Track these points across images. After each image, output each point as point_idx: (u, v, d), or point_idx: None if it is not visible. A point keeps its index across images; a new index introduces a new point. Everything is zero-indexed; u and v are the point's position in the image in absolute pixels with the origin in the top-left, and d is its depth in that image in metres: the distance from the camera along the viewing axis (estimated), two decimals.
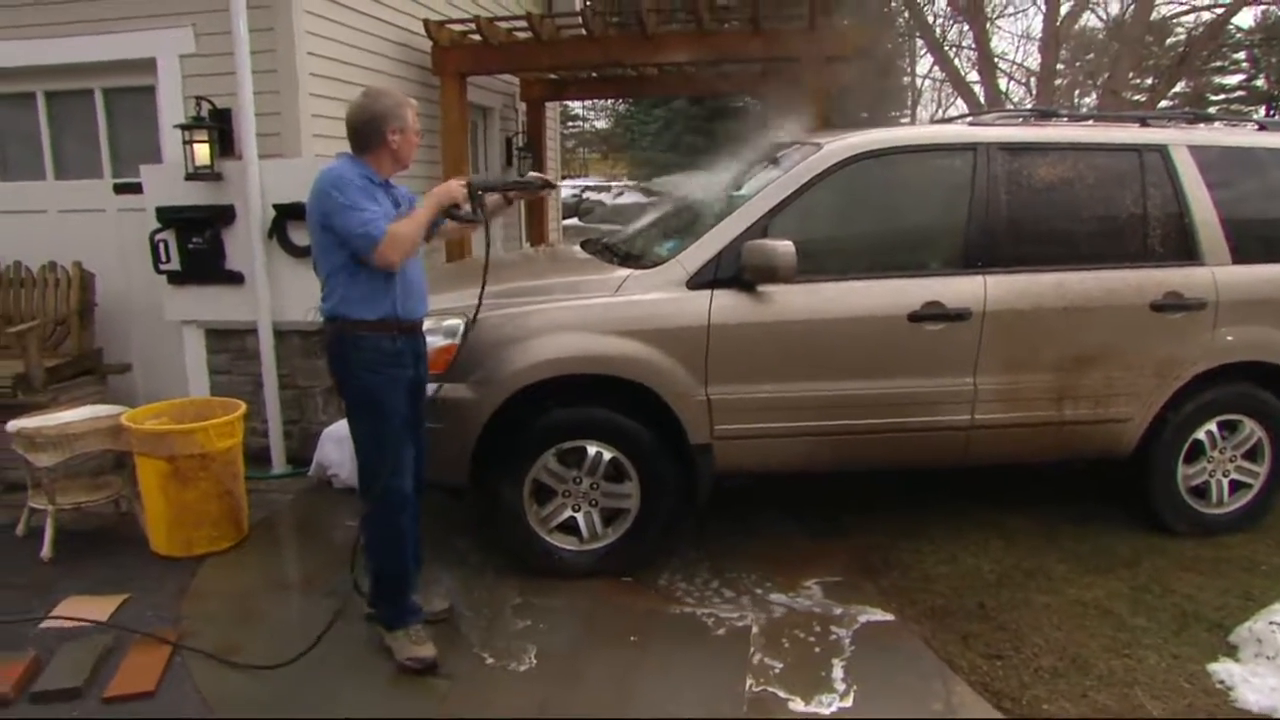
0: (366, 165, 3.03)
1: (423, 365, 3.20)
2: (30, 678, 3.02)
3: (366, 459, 3.10)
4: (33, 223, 5.53)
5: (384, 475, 3.04)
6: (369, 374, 3.03)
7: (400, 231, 2.90)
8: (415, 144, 3.13)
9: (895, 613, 3.43)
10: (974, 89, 14.32)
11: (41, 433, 3.91)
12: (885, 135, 3.94)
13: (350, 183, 2.93)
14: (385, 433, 3.05)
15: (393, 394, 3.04)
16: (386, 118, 3.02)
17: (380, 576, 3.17)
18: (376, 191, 2.99)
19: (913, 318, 3.66)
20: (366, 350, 3.00)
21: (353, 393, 3.06)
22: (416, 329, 3.14)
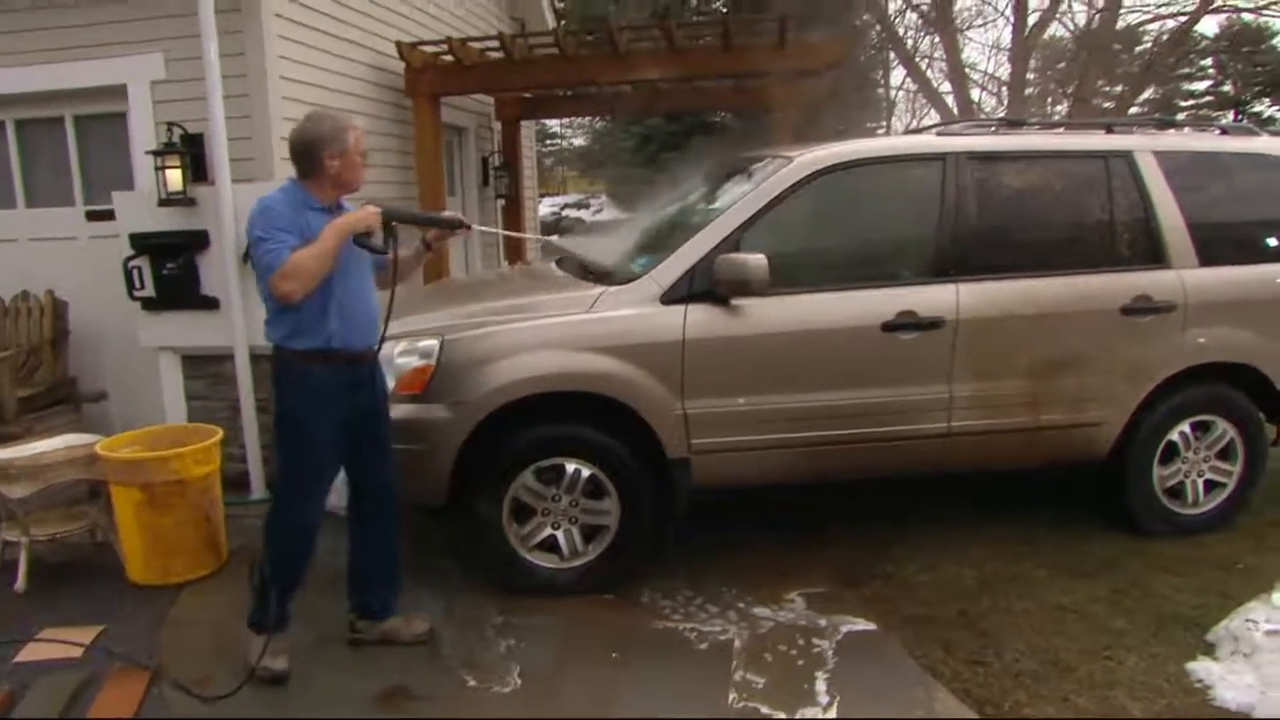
0: (307, 191, 3.02)
1: (366, 393, 3.15)
2: (4, 712, 2.97)
3: (281, 481, 3.14)
4: (3, 252, 5.49)
5: (295, 503, 3.09)
6: (298, 403, 3.03)
7: (298, 261, 2.83)
8: (359, 166, 3.07)
9: (877, 622, 3.43)
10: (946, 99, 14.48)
11: (13, 464, 3.87)
12: (855, 147, 3.98)
13: (272, 212, 2.92)
14: (305, 463, 3.07)
15: (321, 425, 3.03)
16: (325, 142, 2.98)
17: (268, 584, 3.14)
18: (315, 218, 2.96)
19: (886, 327, 3.68)
20: (298, 378, 3.00)
21: (280, 417, 3.08)
22: (360, 359, 3.09)
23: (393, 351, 3.58)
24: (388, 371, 3.56)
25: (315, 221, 2.97)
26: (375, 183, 6.27)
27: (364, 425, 3.16)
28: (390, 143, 6.56)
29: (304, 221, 2.94)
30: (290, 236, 2.88)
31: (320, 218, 2.98)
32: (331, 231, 2.90)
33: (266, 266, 2.86)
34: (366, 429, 3.18)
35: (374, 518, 3.32)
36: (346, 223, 2.95)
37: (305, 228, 2.93)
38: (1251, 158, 4.20)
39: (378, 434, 3.24)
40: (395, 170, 6.63)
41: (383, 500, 3.31)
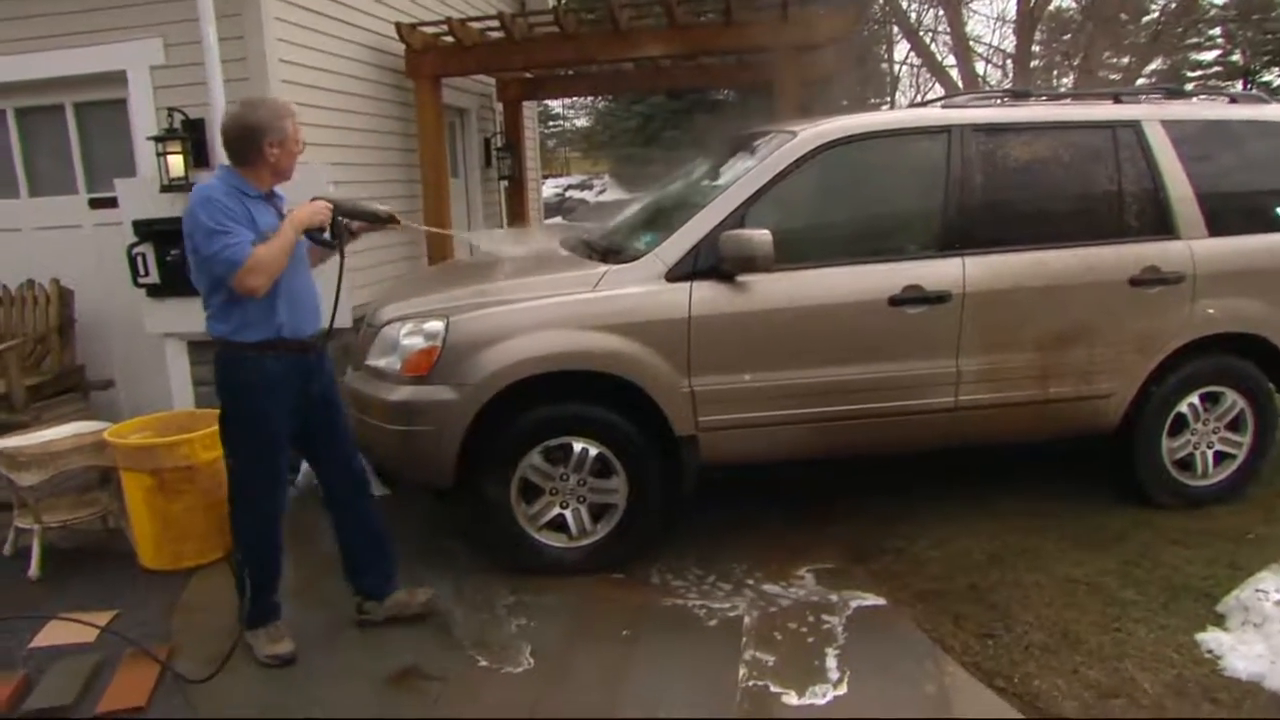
0: (243, 178, 2.98)
1: (317, 380, 3.13)
2: (20, 697, 3.00)
3: (239, 477, 3.12)
4: (8, 241, 5.51)
5: (258, 497, 3.09)
6: (252, 395, 3.01)
7: (263, 256, 2.83)
8: (296, 154, 3.04)
9: (887, 597, 3.44)
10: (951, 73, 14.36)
11: (23, 452, 3.89)
12: (859, 120, 3.95)
13: (218, 202, 2.87)
14: (264, 455, 3.07)
15: (276, 416, 3.03)
16: (264, 130, 2.93)
17: (248, 579, 3.16)
18: (254, 205, 2.95)
19: (893, 302, 3.67)
20: (251, 371, 2.97)
21: (232, 412, 3.06)
22: (307, 347, 3.08)
23: (398, 333, 3.59)
24: (393, 353, 3.58)
25: (256, 210, 2.94)
26: (378, 165, 6.28)
27: (317, 412, 3.15)
28: (392, 125, 6.54)
29: (245, 209, 2.91)
30: (245, 230, 2.85)
31: (259, 206, 2.97)
32: (290, 226, 2.91)
33: (229, 261, 2.81)
34: (320, 416, 3.17)
35: (348, 502, 3.32)
36: (303, 217, 2.94)
37: (248, 215, 2.90)
38: (1261, 126, 4.15)
39: (332, 420, 3.23)
40: (398, 153, 6.61)
41: (352, 483, 3.31)
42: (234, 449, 3.10)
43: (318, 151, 5.38)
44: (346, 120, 5.88)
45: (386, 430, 3.59)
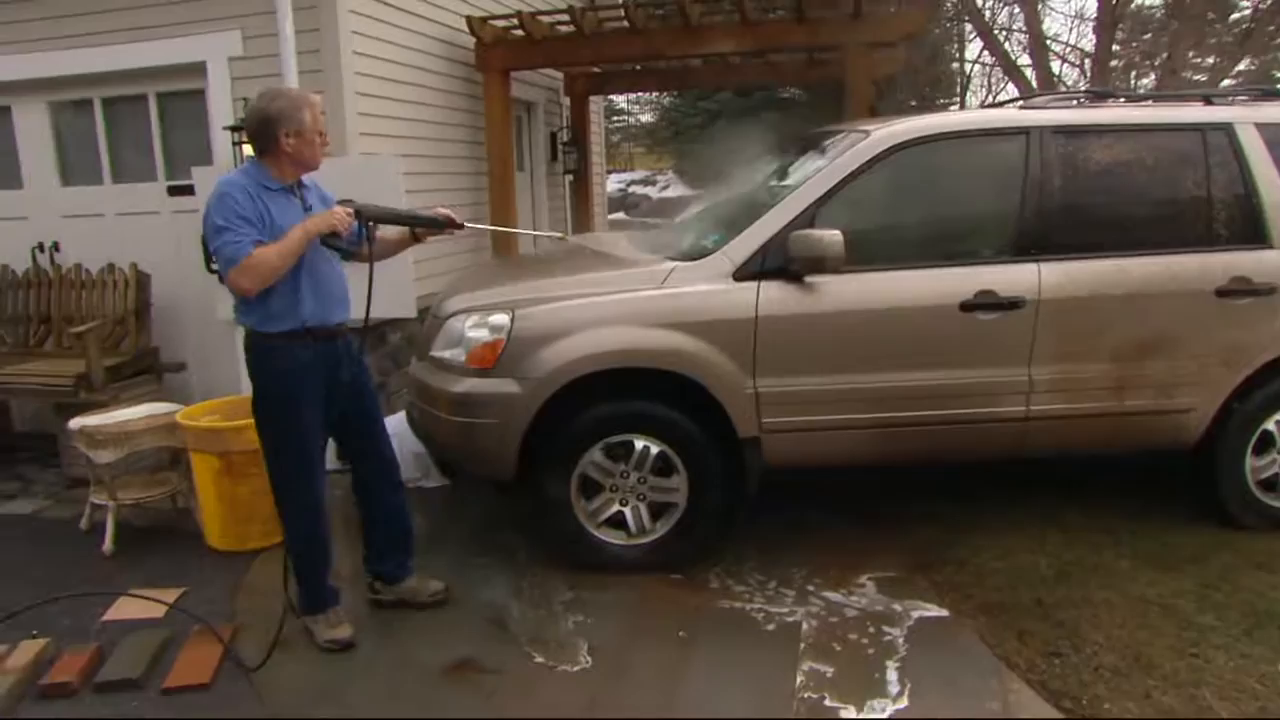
0: (265, 170, 2.99)
1: (346, 368, 3.13)
2: (94, 668, 3.09)
3: (275, 465, 3.13)
4: (92, 226, 5.69)
5: (296, 485, 3.11)
6: (281, 385, 3.03)
7: (261, 259, 2.83)
8: (317, 145, 3.00)
9: (950, 608, 3.36)
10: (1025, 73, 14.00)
11: (101, 430, 4.01)
12: (934, 121, 3.87)
13: (229, 198, 2.87)
14: (297, 444, 3.09)
15: (306, 404, 3.05)
16: (279, 120, 2.92)
17: (300, 570, 3.22)
18: (274, 199, 2.95)
19: (964, 307, 3.58)
20: (279, 360, 2.99)
21: (263, 400, 3.09)
22: (334, 335, 3.09)
23: (464, 325, 3.61)
24: (458, 345, 3.60)
25: (274, 204, 2.95)
26: (446, 157, 6.34)
27: (348, 400, 3.17)
28: (460, 118, 6.60)
29: (262, 205, 2.91)
30: (251, 227, 2.85)
31: (278, 199, 2.97)
32: (300, 232, 2.89)
33: (228, 259, 2.83)
34: (352, 404, 3.19)
35: (376, 489, 3.36)
36: (315, 226, 2.92)
37: (264, 212, 2.90)
38: None
39: (363, 408, 3.25)
40: (465, 145, 6.66)
41: (382, 471, 3.35)
42: (267, 437, 3.12)
43: (388, 142, 5.46)
44: (416, 112, 5.94)
45: (449, 421, 3.61)
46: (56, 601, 3.57)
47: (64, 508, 4.68)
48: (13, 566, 3.99)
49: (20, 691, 2.99)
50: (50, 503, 4.79)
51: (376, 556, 3.44)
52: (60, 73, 5.40)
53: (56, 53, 5.33)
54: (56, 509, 4.69)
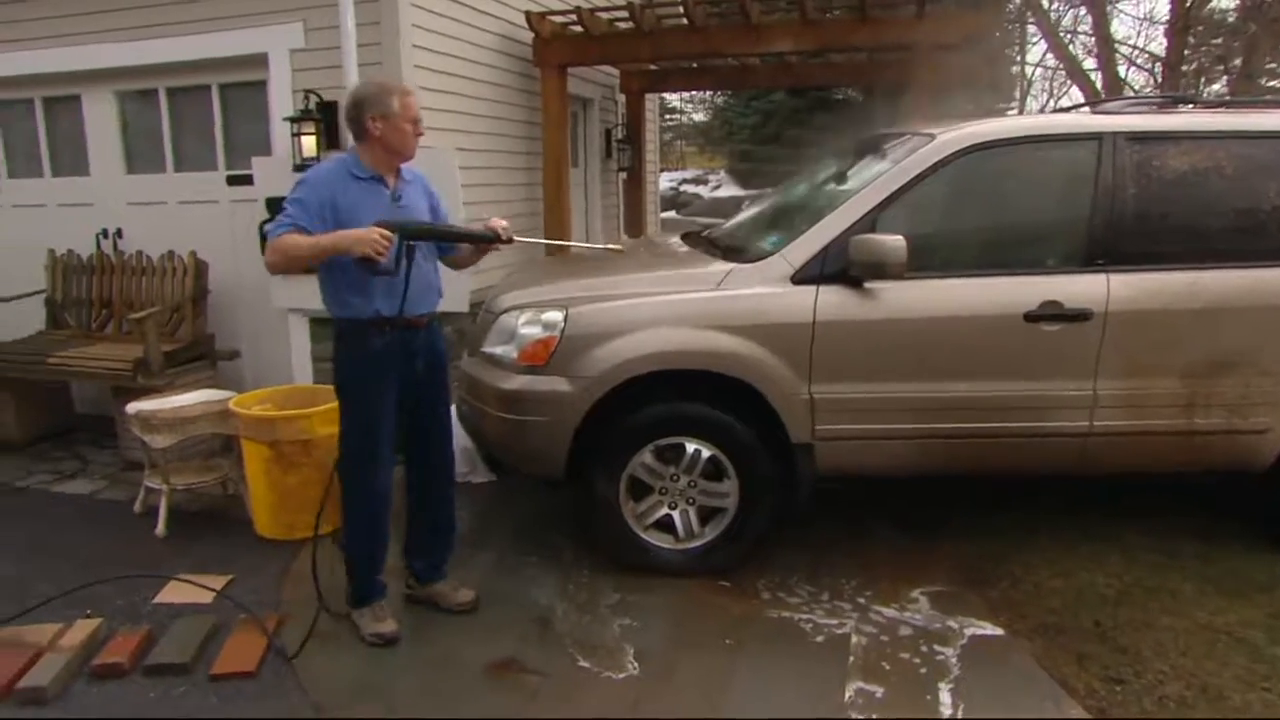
0: (357, 158, 3.04)
1: (422, 361, 3.15)
2: (144, 650, 3.14)
3: (345, 449, 3.16)
4: (154, 214, 5.78)
5: (356, 469, 3.12)
6: (354, 369, 3.08)
7: (288, 246, 2.89)
8: (407, 134, 3.02)
9: (1004, 627, 3.27)
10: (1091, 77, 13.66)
11: (157, 415, 4.07)
12: (1003, 125, 3.77)
13: (306, 181, 2.98)
14: (362, 429, 3.11)
15: (377, 391, 3.07)
16: (366, 104, 2.98)
17: (350, 557, 3.24)
18: (355, 188, 2.98)
19: (1029, 318, 3.48)
20: (354, 345, 3.04)
21: (339, 385, 3.14)
22: (413, 325, 3.08)
23: (516, 321, 3.59)
24: (510, 342, 3.59)
25: (351, 191, 2.98)
26: (502, 151, 6.34)
27: (420, 394, 3.19)
28: (517, 113, 6.60)
29: (334, 192, 2.95)
30: (303, 213, 2.91)
31: (358, 187, 3.00)
32: (329, 242, 2.89)
33: (270, 233, 2.97)
34: (423, 398, 3.20)
35: (425, 490, 3.36)
36: (343, 241, 2.87)
37: (331, 199, 2.94)
38: None
39: (433, 404, 3.25)
40: (521, 140, 6.67)
41: (435, 473, 3.34)
42: (340, 420, 3.18)
43: (446, 136, 5.47)
44: (473, 106, 5.95)
45: (498, 418, 3.61)
46: (110, 582, 3.64)
47: (119, 489, 4.77)
48: (69, 546, 4.07)
49: (74, 670, 3.04)
50: (106, 484, 4.89)
51: (412, 551, 3.45)
52: (128, 63, 5.49)
53: (125, 43, 5.43)
54: (112, 490, 4.79)
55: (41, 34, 5.60)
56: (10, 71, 5.78)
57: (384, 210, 3.00)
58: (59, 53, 5.60)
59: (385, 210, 3.01)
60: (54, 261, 5.80)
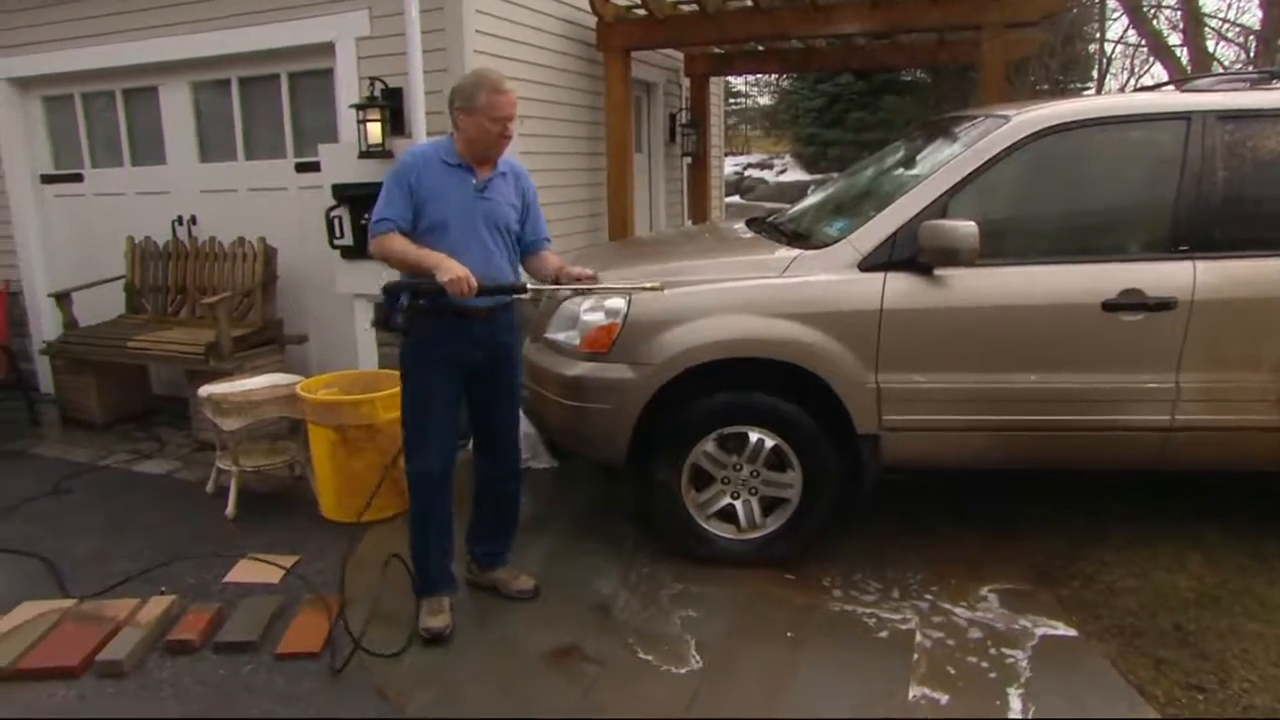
0: (451, 143, 3.06)
1: (484, 351, 3.12)
2: (214, 628, 3.22)
3: (404, 432, 3.17)
4: (225, 201, 5.91)
5: (411, 451, 3.13)
6: (410, 353, 3.08)
7: (392, 246, 2.96)
8: (490, 133, 2.97)
9: (1077, 627, 3.16)
10: (1176, 53, 13.10)
11: (228, 398, 4.16)
12: (1083, 105, 3.61)
13: (398, 169, 3.01)
14: (415, 411, 3.11)
15: (430, 377, 3.07)
16: (456, 94, 2.99)
17: (412, 544, 3.24)
18: (445, 174, 2.99)
19: (1107, 307, 3.34)
20: (411, 327, 3.00)
21: (401, 364, 3.14)
22: (472, 315, 3.04)
23: (579, 308, 3.57)
24: (573, 328, 3.57)
25: (435, 174, 2.99)
26: (565, 137, 6.33)
27: (484, 385, 3.17)
28: (580, 98, 6.57)
29: (418, 176, 2.98)
30: (392, 207, 2.97)
31: (444, 172, 3.00)
32: (432, 261, 2.89)
33: (371, 230, 3.02)
34: (487, 390, 3.19)
35: (489, 482, 3.35)
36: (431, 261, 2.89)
37: (412, 186, 2.97)
38: None
39: (496, 398, 3.23)
40: (584, 126, 6.64)
41: (500, 466, 3.33)
42: (401, 400, 3.18)
43: None
44: (536, 92, 5.94)
45: (561, 405, 3.60)
46: (183, 561, 3.75)
47: (192, 470, 4.90)
48: (145, 523, 4.20)
49: (150, 644, 3.14)
50: (180, 464, 5.03)
51: (474, 538, 3.46)
52: (203, 54, 5.61)
53: (200, 35, 5.54)
54: (186, 470, 4.92)
55: (122, 28, 5.76)
56: (94, 65, 5.96)
57: (467, 199, 3.00)
58: (138, 45, 5.75)
59: (468, 199, 3.00)
60: (132, 248, 5.98)
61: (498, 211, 3.07)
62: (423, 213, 2.99)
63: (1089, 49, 18.72)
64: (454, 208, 2.99)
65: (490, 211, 3.05)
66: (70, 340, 5.66)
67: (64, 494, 4.64)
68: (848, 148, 19.48)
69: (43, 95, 6.45)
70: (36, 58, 6.14)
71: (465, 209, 3.00)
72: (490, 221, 3.05)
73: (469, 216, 3.01)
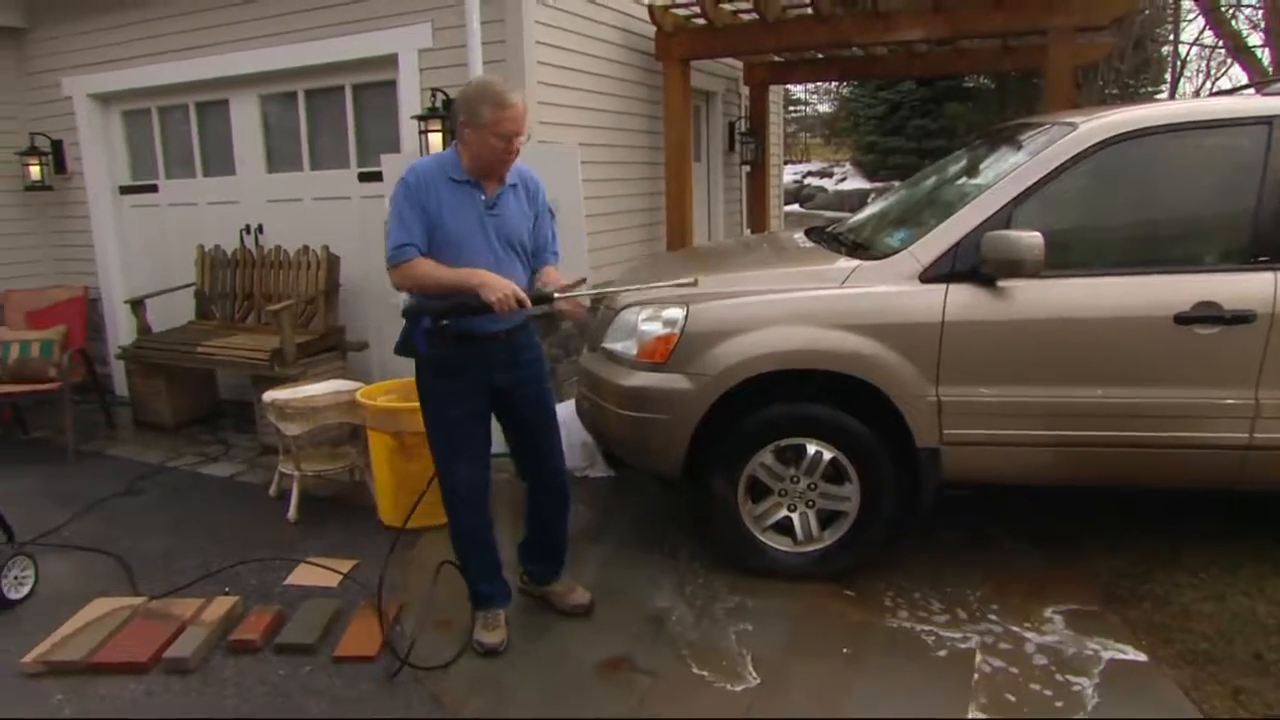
0: (456, 157, 2.90)
1: (506, 374, 3.04)
2: (275, 629, 3.29)
3: (433, 455, 3.10)
4: (291, 210, 6.06)
5: (443, 475, 3.08)
6: (426, 375, 3.03)
7: (418, 274, 2.83)
8: (494, 150, 2.81)
9: (1147, 652, 3.05)
10: (1257, 54, 12.65)
11: (290, 404, 4.24)
12: (1154, 112, 3.50)
13: (407, 184, 2.83)
14: (435, 432, 3.05)
15: (445, 398, 3.00)
16: (460, 106, 2.81)
17: (459, 561, 3.24)
18: (451, 190, 2.85)
19: (1180, 320, 3.23)
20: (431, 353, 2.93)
21: (419, 386, 3.08)
22: (494, 337, 2.96)
23: (637, 318, 3.57)
24: (630, 338, 3.57)
25: (443, 193, 2.84)
26: (624, 147, 6.35)
27: (512, 405, 3.10)
28: (639, 107, 6.60)
29: (426, 198, 2.83)
30: (408, 232, 2.81)
31: (451, 189, 2.86)
32: (467, 280, 2.79)
33: (390, 255, 2.84)
34: (515, 409, 3.11)
35: (536, 504, 3.31)
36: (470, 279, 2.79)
37: (423, 207, 2.82)
38: None
39: (526, 416, 3.15)
40: (643, 135, 6.66)
41: (543, 481, 3.26)
42: (426, 429, 3.11)
43: (568, 131, 5.51)
44: (595, 101, 5.98)
45: (618, 415, 3.60)
46: (246, 562, 3.83)
47: (256, 473, 5.02)
48: (211, 525, 4.31)
49: (214, 643, 3.22)
50: (245, 467, 5.15)
51: (525, 554, 3.43)
52: (271, 67, 5.77)
53: (269, 49, 5.70)
54: (250, 474, 5.05)
55: (196, 44, 5.96)
56: (170, 80, 6.17)
57: (476, 217, 2.88)
58: (211, 61, 5.94)
59: (477, 217, 2.88)
60: (202, 256, 6.15)
61: (510, 226, 2.95)
62: (434, 234, 2.85)
63: (1161, 52, 18.22)
64: (464, 226, 2.86)
65: (501, 227, 2.93)
66: (143, 345, 5.85)
67: (136, 494, 4.79)
68: (908, 156, 19.24)
69: (122, 110, 6.70)
70: (117, 74, 6.38)
71: (476, 226, 2.88)
72: (503, 237, 2.93)
73: (480, 234, 2.89)
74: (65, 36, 6.56)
